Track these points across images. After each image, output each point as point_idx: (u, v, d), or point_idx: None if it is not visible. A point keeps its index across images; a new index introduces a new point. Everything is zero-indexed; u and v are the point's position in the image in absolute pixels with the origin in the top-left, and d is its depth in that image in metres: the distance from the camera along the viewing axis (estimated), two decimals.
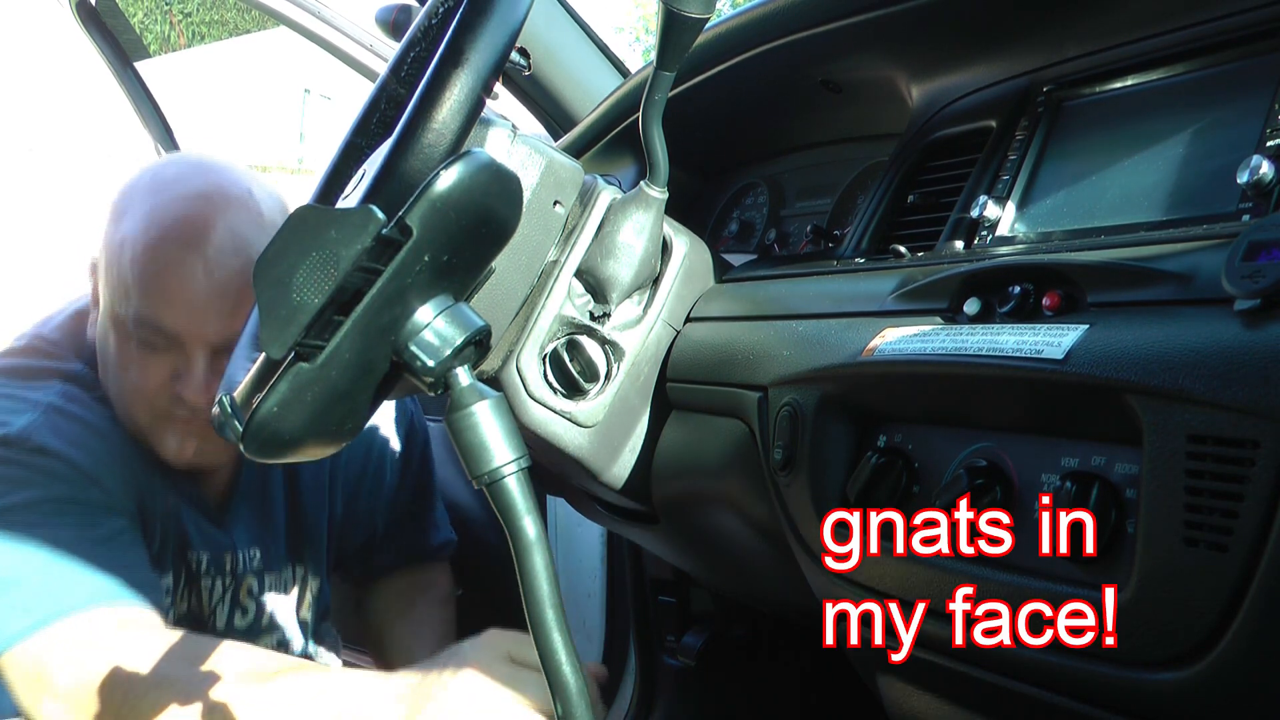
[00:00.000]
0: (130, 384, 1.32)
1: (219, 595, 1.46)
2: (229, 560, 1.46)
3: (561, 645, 0.74)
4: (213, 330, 1.28)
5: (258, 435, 0.74)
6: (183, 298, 1.27)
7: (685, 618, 1.63)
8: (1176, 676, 0.69)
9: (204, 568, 1.44)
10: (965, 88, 1.15)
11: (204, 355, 1.29)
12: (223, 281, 1.27)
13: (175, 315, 1.27)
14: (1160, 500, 0.68)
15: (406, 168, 0.82)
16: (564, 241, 1.15)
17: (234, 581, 1.48)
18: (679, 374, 1.17)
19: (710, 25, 1.22)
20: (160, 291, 1.27)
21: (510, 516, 0.75)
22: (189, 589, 1.44)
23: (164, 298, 1.27)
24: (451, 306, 0.77)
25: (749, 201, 1.53)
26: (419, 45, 1.06)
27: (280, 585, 1.54)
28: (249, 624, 1.50)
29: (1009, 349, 0.79)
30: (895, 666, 0.95)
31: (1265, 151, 0.81)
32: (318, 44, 2.10)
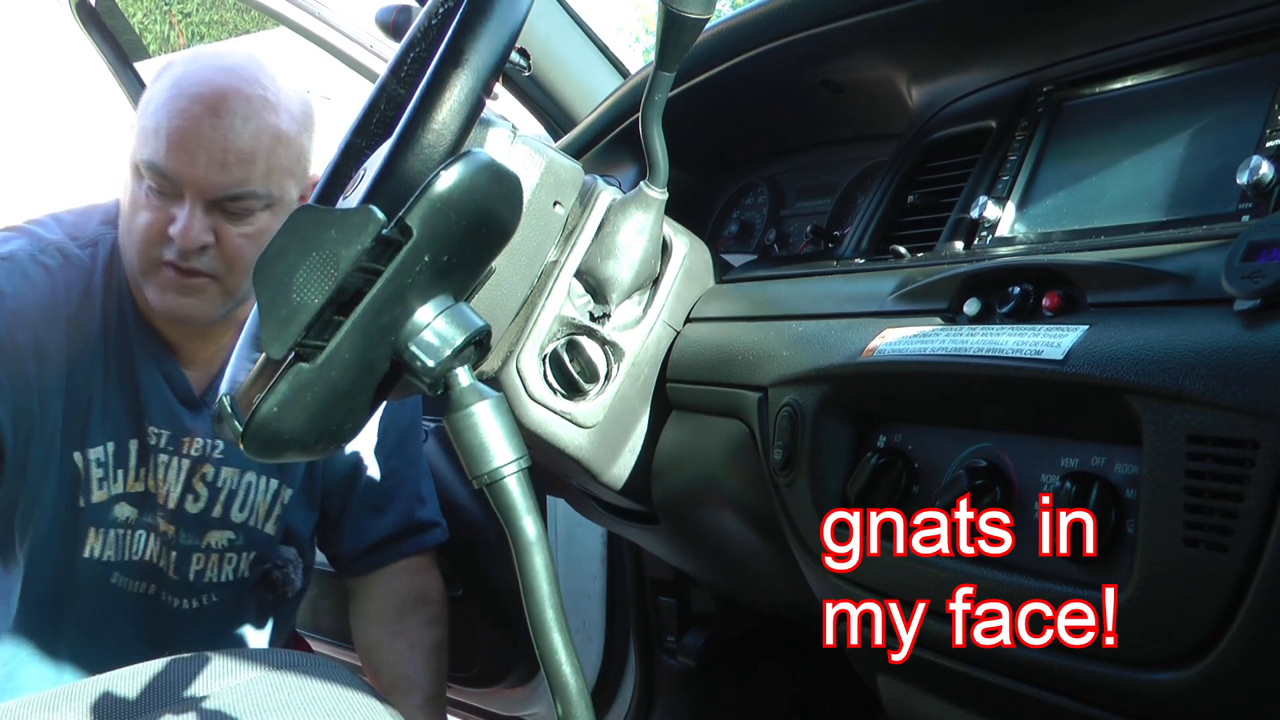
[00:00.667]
0: (136, 226, 1.44)
1: (174, 475, 1.54)
2: (188, 443, 1.54)
3: (561, 645, 0.74)
4: (208, 180, 1.40)
5: (258, 435, 0.74)
6: (185, 146, 1.39)
7: (685, 618, 1.63)
8: (1176, 676, 0.69)
9: (161, 443, 1.53)
10: (965, 88, 1.15)
11: (197, 202, 1.40)
12: (224, 139, 1.39)
13: (177, 161, 1.39)
14: (1160, 500, 0.68)
15: (406, 168, 0.82)
16: (564, 242, 1.14)
17: (190, 465, 1.54)
18: (679, 374, 1.17)
19: (710, 25, 1.21)
20: (167, 137, 1.40)
21: (510, 516, 0.75)
22: (142, 462, 1.52)
23: (168, 142, 1.40)
24: (451, 307, 0.77)
25: (749, 201, 1.53)
26: (419, 45, 1.06)
27: (238, 482, 1.58)
28: (200, 510, 1.56)
29: (1009, 349, 0.79)
30: (895, 666, 0.95)
31: (1265, 152, 0.81)
32: (318, 44, 2.10)
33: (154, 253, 1.43)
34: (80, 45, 2.51)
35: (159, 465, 1.53)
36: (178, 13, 18.43)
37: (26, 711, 1.24)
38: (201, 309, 1.46)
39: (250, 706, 1.23)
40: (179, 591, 1.58)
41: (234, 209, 1.41)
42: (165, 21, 18.29)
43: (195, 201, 1.40)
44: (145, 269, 1.44)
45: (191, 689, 1.30)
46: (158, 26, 18.06)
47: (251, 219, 1.43)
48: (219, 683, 1.30)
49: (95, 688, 1.28)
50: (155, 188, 1.41)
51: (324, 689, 1.28)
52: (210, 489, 1.56)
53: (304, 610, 2.17)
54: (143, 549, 1.55)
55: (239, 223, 1.42)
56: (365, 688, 1.31)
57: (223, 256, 1.43)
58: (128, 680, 1.30)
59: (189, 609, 1.59)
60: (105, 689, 1.28)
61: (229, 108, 1.40)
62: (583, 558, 1.77)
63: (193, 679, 1.31)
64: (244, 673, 1.32)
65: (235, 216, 1.42)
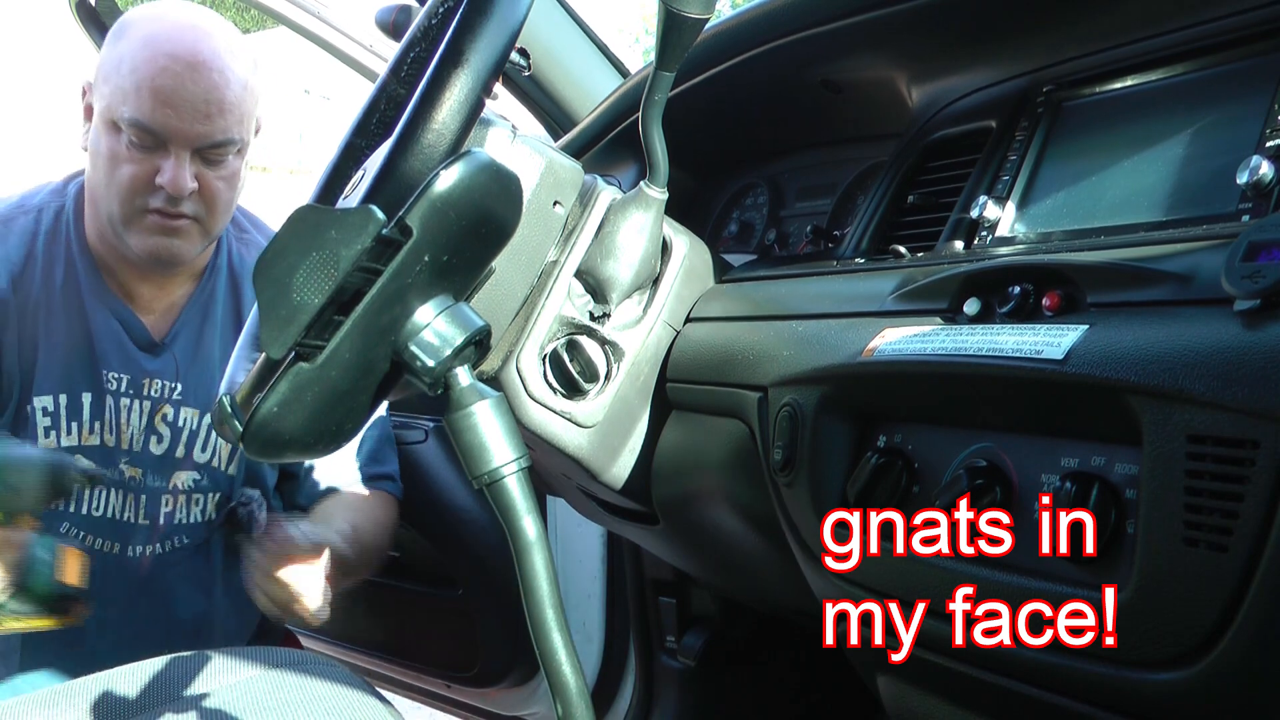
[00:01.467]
0: (119, 180, 1.51)
1: (136, 418, 1.61)
2: (148, 385, 1.61)
3: (561, 645, 0.74)
4: (193, 130, 1.49)
5: (258, 435, 0.74)
6: (171, 101, 1.48)
7: (685, 618, 1.63)
8: (1176, 676, 0.69)
9: (121, 387, 1.60)
10: (965, 88, 1.15)
11: (183, 153, 1.50)
12: (204, 90, 1.49)
13: (164, 117, 1.48)
14: (1160, 500, 0.68)
15: (406, 168, 0.82)
16: (564, 242, 1.14)
17: (151, 406, 1.61)
18: (679, 374, 1.17)
19: (710, 25, 1.21)
20: (153, 95, 1.48)
21: (510, 516, 0.75)
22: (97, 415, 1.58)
23: (155, 100, 1.48)
24: (451, 306, 0.77)
25: (749, 201, 1.53)
26: (419, 45, 1.05)
27: (199, 425, 1.63)
28: (164, 452, 1.62)
29: (1009, 349, 0.79)
30: (895, 666, 0.95)
31: (1265, 152, 0.81)
32: (317, 44, 2.10)
33: (139, 202, 1.52)
34: (80, 45, 2.51)
35: (120, 410, 1.59)
36: None
37: (25, 709, 1.24)
38: (186, 248, 1.56)
39: (249, 705, 1.23)
40: (145, 539, 1.61)
41: (213, 156, 1.52)
42: None
43: (180, 152, 1.50)
44: (128, 217, 1.53)
45: (191, 687, 1.30)
46: None
47: (226, 163, 1.54)
48: (218, 681, 1.30)
49: (95, 686, 1.28)
50: (137, 142, 1.49)
51: (323, 688, 1.28)
52: (172, 429, 1.62)
53: None
54: (104, 505, 1.59)
55: (217, 168, 1.53)
56: (365, 687, 1.31)
57: (204, 200, 1.53)
58: (127, 678, 1.30)
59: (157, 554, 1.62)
60: (105, 687, 1.28)
61: (206, 63, 1.50)
62: (583, 558, 1.77)
63: (192, 677, 1.31)
64: (243, 671, 1.32)
65: (213, 163, 1.52)
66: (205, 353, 1.64)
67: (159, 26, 1.54)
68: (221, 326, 1.66)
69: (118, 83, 1.51)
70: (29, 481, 1.38)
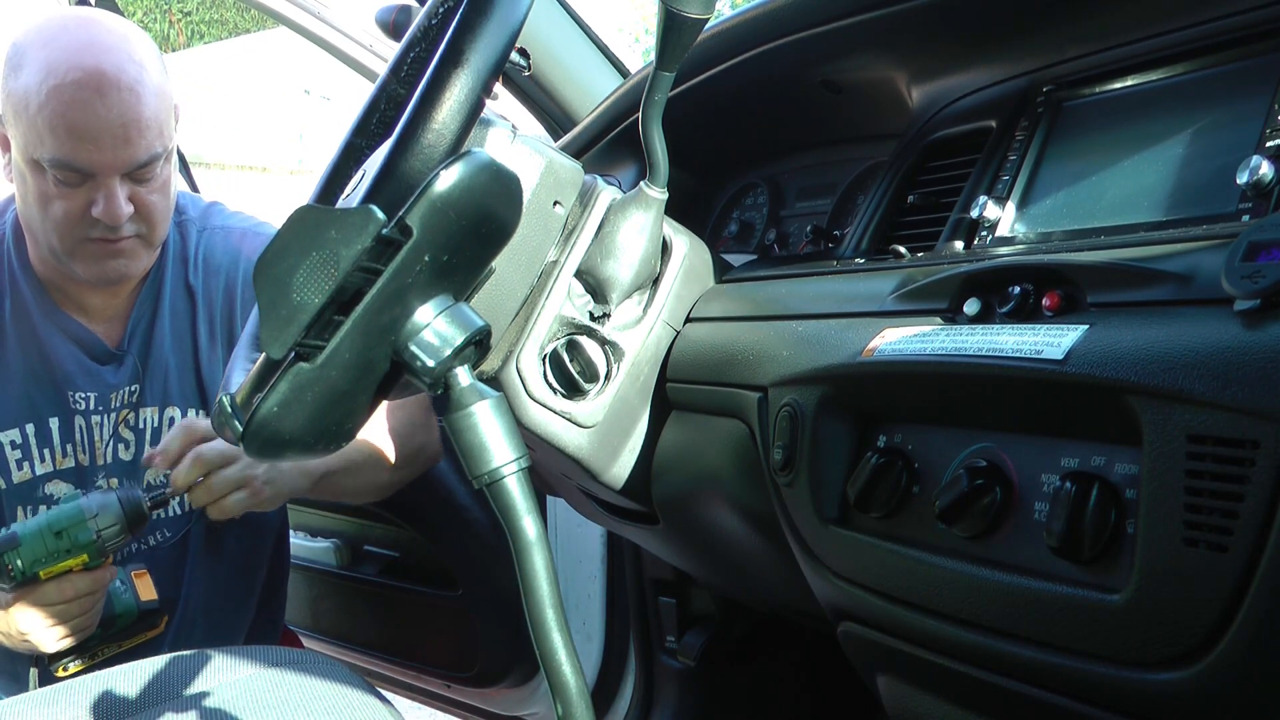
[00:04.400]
0: (53, 216, 1.49)
1: (106, 431, 1.61)
2: (114, 398, 1.61)
3: (561, 645, 0.74)
4: (119, 158, 1.45)
5: (258, 435, 0.74)
6: (89, 135, 1.43)
7: (685, 618, 1.63)
8: (1176, 676, 0.69)
9: (90, 405, 1.60)
10: (965, 88, 1.15)
11: (110, 180, 1.46)
12: (119, 115, 1.44)
13: (86, 152, 1.44)
14: (1160, 500, 0.68)
15: (406, 168, 0.82)
16: (564, 242, 1.15)
17: (115, 416, 1.61)
18: (679, 374, 1.17)
19: (710, 25, 1.21)
20: (68, 134, 1.43)
21: (510, 516, 0.75)
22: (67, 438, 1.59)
23: (73, 139, 1.43)
24: (451, 306, 0.77)
25: (749, 201, 1.53)
26: (419, 45, 1.06)
27: (163, 422, 1.63)
28: (132, 456, 1.62)
29: (1009, 349, 0.79)
30: (895, 666, 0.95)
31: (1265, 152, 0.81)
32: (318, 44, 2.10)
33: (78, 233, 1.50)
34: None
35: (91, 428, 1.59)
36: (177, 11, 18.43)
37: (25, 708, 1.24)
38: (134, 265, 1.56)
39: (249, 703, 1.23)
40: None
41: (142, 175, 1.49)
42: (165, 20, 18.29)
43: (108, 180, 1.47)
44: (70, 249, 1.51)
45: (191, 686, 1.30)
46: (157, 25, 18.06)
47: (156, 176, 1.51)
48: (218, 679, 1.30)
49: (95, 684, 1.28)
50: (63, 179, 1.46)
51: (323, 686, 1.28)
52: (135, 432, 1.61)
53: (303, 610, 2.17)
54: None
55: (148, 183, 1.50)
56: (365, 685, 1.31)
57: (142, 217, 1.51)
58: (127, 677, 1.30)
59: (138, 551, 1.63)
60: (105, 686, 1.28)
61: (114, 83, 1.45)
62: (583, 558, 1.77)
63: (192, 676, 1.31)
64: (243, 670, 1.32)
65: (144, 180, 1.50)
66: (158, 347, 1.64)
67: (55, 53, 1.46)
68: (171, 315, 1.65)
69: (29, 121, 1.46)
70: (113, 525, 1.42)
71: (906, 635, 0.91)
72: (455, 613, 1.87)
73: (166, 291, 1.64)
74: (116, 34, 1.51)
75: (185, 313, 1.65)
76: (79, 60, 1.45)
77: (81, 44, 1.47)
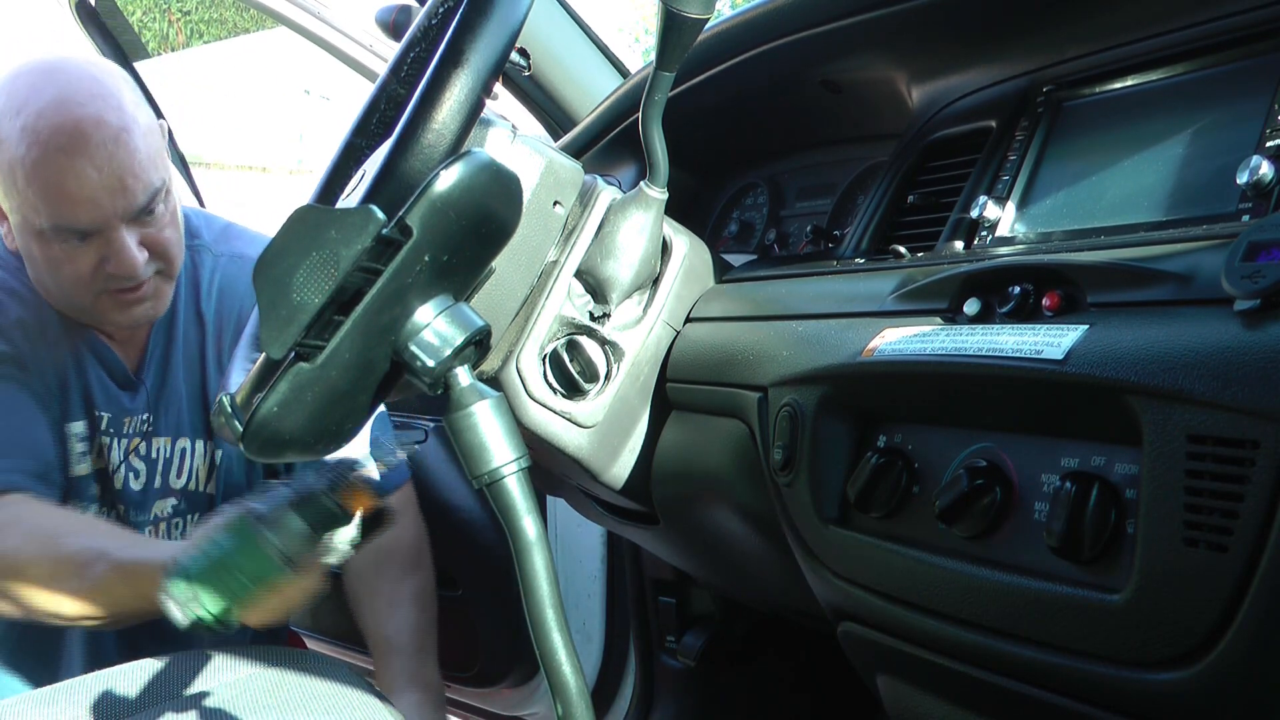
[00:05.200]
0: (67, 278, 1.47)
1: (118, 455, 1.58)
2: (127, 422, 1.59)
3: (561, 645, 0.74)
4: (121, 209, 1.42)
5: (258, 435, 0.75)
6: (84, 197, 1.40)
7: (685, 618, 1.63)
8: (1176, 676, 0.69)
9: (104, 426, 1.57)
10: (965, 88, 1.15)
11: (118, 231, 1.43)
12: (111, 168, 1.40)
13: (85, 214, 1.41)
14: (1160, 500, 0.68)
15: (406, 168, 0.82)
16: (564, 242, 1.14)
17: (128, 443, 1.59)
18: (679, 374, 1.17)
19: (710, 25, 1.21)
20: (63, 199, 1.40)
21: (510, 516, 0.75)
22: (93, 444, 1.56)
23: (68, 203, 1.40)
24: (451, 306, 0.77)
25: (749, 201, 1.53)
26: (419, 45, 1.06)
27: (173, 452, 1.61)
28: (142, 486, 1.60)
29: (1009, 349, 0.79)
30: (895, 666, 0.95)
31: (1265, 151, 0.81)
32: (318, 44, 2.10)
33: (95, 288, 1.46)
34: (80, 45, 2.51)
35: (104, 447, 1.58)
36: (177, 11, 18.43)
37: (26, 707, 1.24)
38: (160, 305, 1.53)
39: (250, 703, 1.23)
40: None
41: (148, 217, 1.45)
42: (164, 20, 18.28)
43: (115, 233, 1.43)
44: (91, 304, 1.48)
45: (191, 685, 1.30)
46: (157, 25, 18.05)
47: (162, 210, 1.48)
48: (219, 679, 1.30)
49: (96, 683, 1.28)
50: (68, 241, 1.43)
51: (323, 686, 1.28)
52: (147, 462, 1.60)
53: (304, 610, 2.17)
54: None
55: (155, 221, 1.47)
56: (364, 685, 1.31)
57: (157, 255, 1.48)
58: (128, 676, 1.30)
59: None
60: (105, 685, 1.28)
61: (98, 140, 1.40)
62: (583, 558, 1.77)
63: (193, 675, 1.32)
64: (243, 669, 1.32)
65: (150, 220, 1.46)
66: (173, 376, 1.61)
67: (30, 119, 1.40)
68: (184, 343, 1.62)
69: (20, 194, 1.42)
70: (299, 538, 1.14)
71: (906, 635, 0.91)
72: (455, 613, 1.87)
73: (180, 319, 1.62)
74: (87, 80, 1.45)
75: (196, 341, 1.63)
76: (57, 123, 1.40)
77: (55, 103, 1.41)
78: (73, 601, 1.35)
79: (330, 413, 0.75)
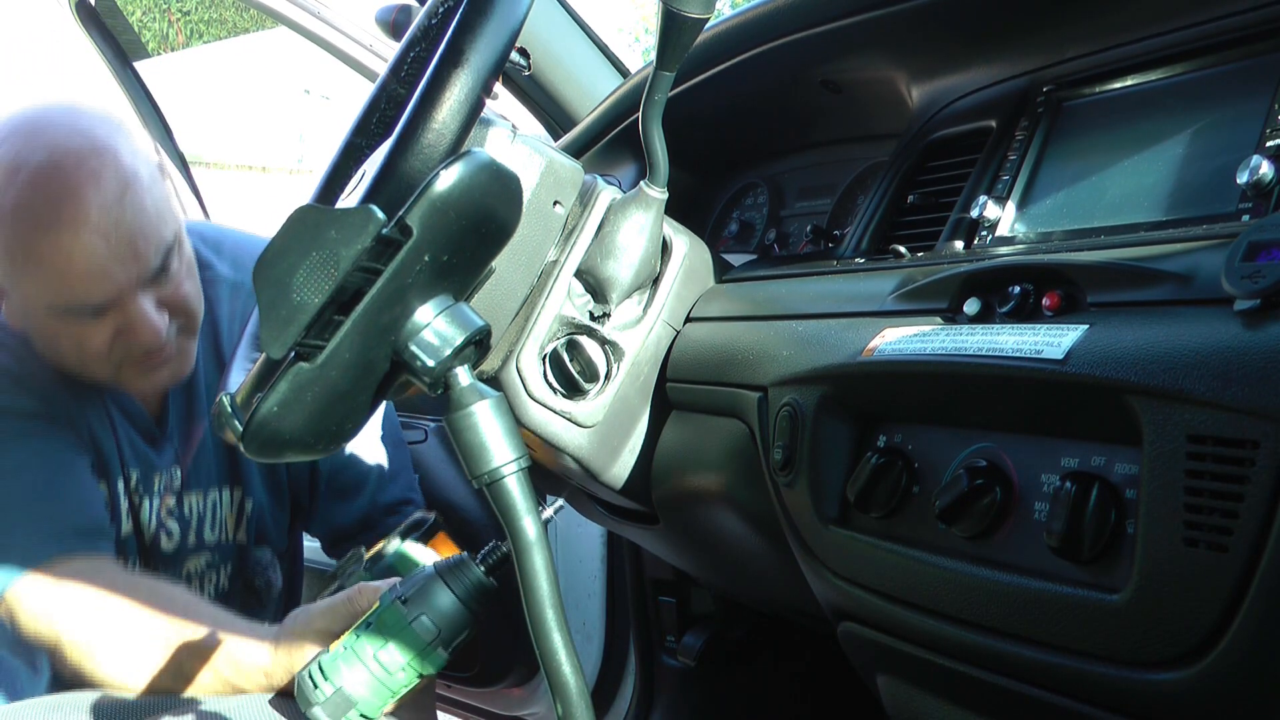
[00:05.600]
0: (86, 354, 1.35)
1: (149, 513, 1.48)
2: (156, 479, 1.49)
3: (561, 645, 0.75)
4: (135, 278, 1.31)
5: (258, 435, 0.75)
6: (93, 271, 1.28)
7: (685, 618, 1.63)
8: (1176, 676, 0.69)
9: (134, 484, 1.47)
10: (965, 88, 1.15)
11: (135, 297, 1.32)
12: (120, 234, 1.29)
13: (96, 288, 1.29)
14: (1160, 500, 0.68)
15: (406, 168, 0.82)
16: (564, 241, 1.15)
17: (159, 501, 1.49)
18: (679, 374, 1.17)
19: (710, 25, 1.21)
20: (70, 277, 1.28)
21: (510, 516, 0.75)
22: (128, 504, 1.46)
23: (77, 281, 1.29)
24: (451, 306, 0.77)
25: (749, 201, 1.53)
26: (419, 45, 1.06)
27: (205, 507, 1.53)
28: (176, 546, 1.51)
29: (1009, 349, 0.79)
30: (895, 666, 0.95)
31: (1265, 151, 0.81)
32: (317, 44, 2.10)
33: (115, 359, 1.36)
34: (80, 45, 2.51)
35: (135, 508, 1.47)
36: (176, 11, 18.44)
37: (32, 713, 1.24)
38: (186, 363, 1.43)
39: (250, 702, 1.23)
40: None
41: (164, 275, 1.34)
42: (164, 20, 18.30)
43: (134, 297, 1.32)
44: (113, 375, 1.38)
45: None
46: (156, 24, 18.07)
47: (177, 266, 1.36)
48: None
49: (98, 689, 1.28)
50: (83, 318, 1.32)
51: None
52: (181, 522, 1.51)
53: None
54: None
55: (171, 277, 1.35)
56: None
57: (179, 312, 1.38)
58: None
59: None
60: (106, 690, 1.28)
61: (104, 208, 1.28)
62: (583, 558, 1.77)
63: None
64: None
65: (166, 276, 1.35)
66: (198, 428, 1.52)
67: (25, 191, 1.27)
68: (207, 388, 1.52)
69: (28, 277, 1.30)
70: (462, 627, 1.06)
71: (906, 635, 0.91)
72: None
73: (200, 364, 1.49)
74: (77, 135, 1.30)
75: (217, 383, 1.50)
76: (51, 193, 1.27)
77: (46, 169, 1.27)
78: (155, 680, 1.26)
79: (330, 413, 0.76)
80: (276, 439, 0.75)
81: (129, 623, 1.27)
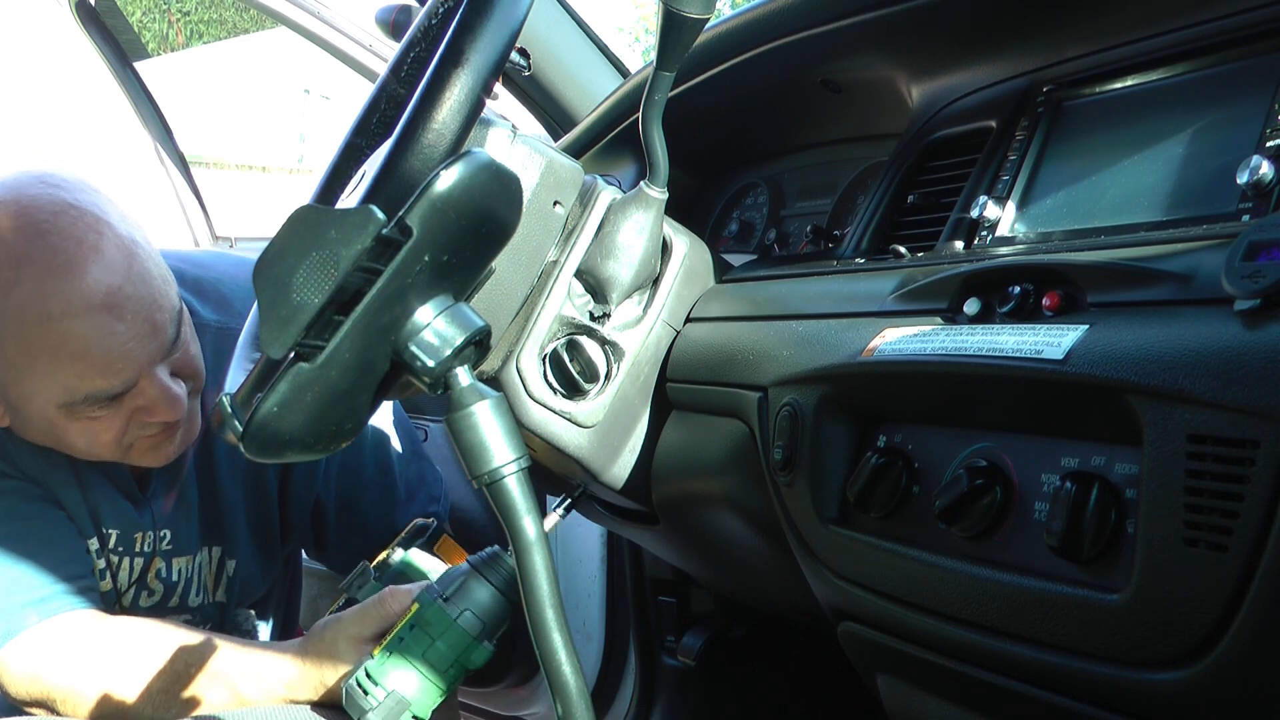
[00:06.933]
0: (101, 443, 1.29)
1: (126, 575, 1.43)
2: (140, 540, 1.43)
3: (561, 645, 0.75)
4: (155, 352, 1.25)
5: (258, 435, 0.75)
6: (115, 356, 1.21)
7: (685, 618, 1.63)
8: (1176, 676, 0.69)
9: (111, 544, 1.41)
10: (965, 88, 1.15)
11: (158, 375, 1.26)
12: (136, 309, 1.22)
13: (118, 374, 1.23)
14: (1160, 500, 0.68)
15: (406, 168, 0.82)
16: (564, 241, 1.15)
17: (143, 562, 1.44)
18: (679, 374, 1.17)
19: (710, 25, 1.21)
20: (97, 369, 1.21)
21: (510, 516, 0.75)
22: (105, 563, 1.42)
23: (105, 369, 1.22)
24: (451, 306, 0.77)
25: (749, 201, 1.53)
26: (419, 45, 1.06)
27: (191, 569, 1.48)
28: (154, 604, 1.46)
29: (1009, 349, 0.79)
30: (895, 666, 0.95)
31: (1265, 151, 0.81)
32: (317, 44, 2.10)
33: (127, 441, 1.30)
34: (80, 45, 2.52)
35: (111, 565, 1.42)
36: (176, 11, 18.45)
37: None
38: (192, 429, 1.37)
39: (257, 711, 1.23)
40: None
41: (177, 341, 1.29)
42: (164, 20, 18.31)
43: (152, 375, 1.25)
44: (123, 455, 1.32)
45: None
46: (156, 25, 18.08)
47: (186, 334, 1.31)
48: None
49: None
50: (102, 405, 1.25)
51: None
52: (165, 584, 1.46)
53: (304, 611, 2.17)
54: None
55: (181, 341, 1.29)
56: None
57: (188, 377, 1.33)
58: None
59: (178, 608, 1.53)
60: None
61: (115, 287, 1.21)
62: (583, 558, 1.77)
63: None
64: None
65: (178, 343, 1.29)
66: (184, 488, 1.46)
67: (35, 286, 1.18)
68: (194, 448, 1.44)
69: (39, 374, 1.21)
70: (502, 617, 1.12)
71: (906, 635, 0.91)
72: None
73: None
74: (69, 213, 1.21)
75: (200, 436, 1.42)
76: (67, 283, 1.18)
77: (45, 258, 1.19)
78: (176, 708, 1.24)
79: (330, 413, 0.76)
80: (276, 439, 0.75)
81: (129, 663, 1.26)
